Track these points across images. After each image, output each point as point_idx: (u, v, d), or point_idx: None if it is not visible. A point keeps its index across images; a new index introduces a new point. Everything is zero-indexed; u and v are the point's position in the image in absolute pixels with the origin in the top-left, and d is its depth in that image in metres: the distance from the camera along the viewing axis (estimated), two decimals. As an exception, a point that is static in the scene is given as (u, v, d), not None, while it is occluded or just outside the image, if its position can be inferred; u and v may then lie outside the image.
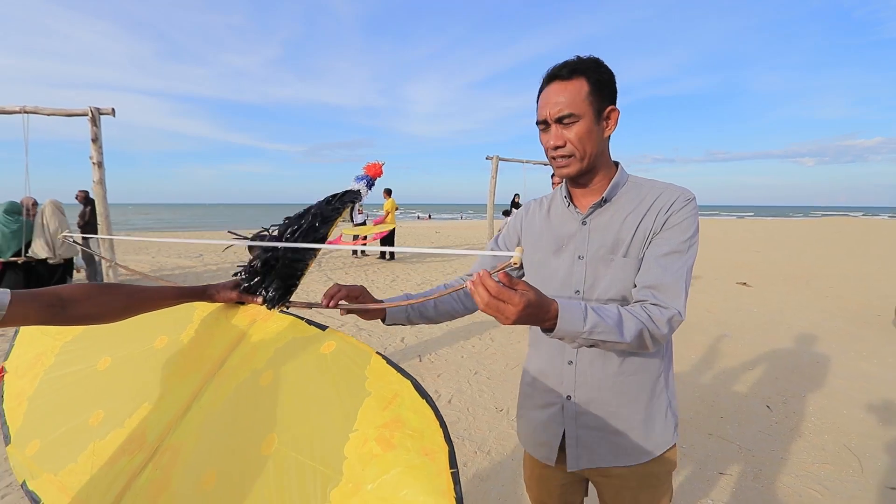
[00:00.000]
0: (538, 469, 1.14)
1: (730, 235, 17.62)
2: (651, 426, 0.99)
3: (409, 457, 0.63)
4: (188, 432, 0.86)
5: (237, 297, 1.03)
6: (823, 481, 2.29)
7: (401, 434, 0.66)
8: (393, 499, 0.59)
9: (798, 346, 4.36)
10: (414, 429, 0.66)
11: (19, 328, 1.20)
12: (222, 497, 0.75)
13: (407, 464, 0.62)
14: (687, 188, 0.97)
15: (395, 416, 0.69)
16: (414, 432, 0.65)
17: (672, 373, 1.04)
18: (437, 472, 0.59)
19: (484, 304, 0.72)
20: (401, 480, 0.60)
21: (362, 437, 0.68)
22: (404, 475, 0.61)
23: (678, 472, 2.35)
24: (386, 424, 0.68)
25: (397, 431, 0.66)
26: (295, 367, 0.86)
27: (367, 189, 1.19)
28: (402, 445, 0.64)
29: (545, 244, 1.07)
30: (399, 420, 0.68)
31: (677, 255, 0.91)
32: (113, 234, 6.93)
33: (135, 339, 1.06)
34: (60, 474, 0.90)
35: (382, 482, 0.62)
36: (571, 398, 1.01)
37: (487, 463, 2.43)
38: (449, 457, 0.61)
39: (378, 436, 0.67)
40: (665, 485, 1.03)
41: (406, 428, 0.66)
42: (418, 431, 0.65)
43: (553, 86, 0.93)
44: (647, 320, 0.85)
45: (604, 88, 0.94)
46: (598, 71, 0.93)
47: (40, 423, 1.01)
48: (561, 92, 0.92)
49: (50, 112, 5.26)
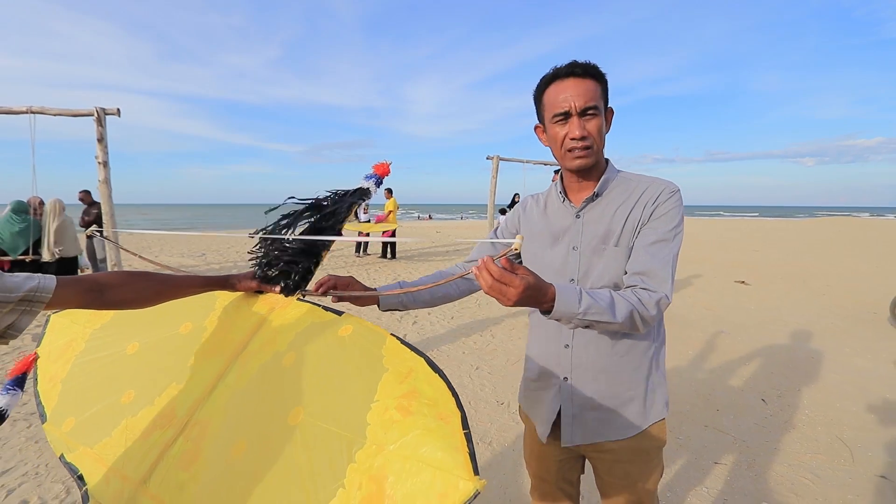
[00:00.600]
0: (537, 447, 1.21)
1: (729, 235, 17.70)
2: (641, 402, 1.06)
3: (426, 421, 0.69)
4: (215, 408, 0.93)
5: (257, 286, 1.10)
6: (815, 470, 2.36)
7: (417, 403, 0.72)
8: (414, 456, 0.66)
9: (794, 343, 4.43)
10: (429, 398, 0.72)
11: (50, 318, 1.27)
12: (253, 462, 0.81)
13: (424, 427, 0.68)
14: (672, 181, 1.04)
15: (411, 388, 0.75)
16: (429, 401, 0.72)
17: (663, 355, 1.11)
18: (451, 432, 0.66)
19: (488, 287, 0.79)
20: (420, 440, 0.67)
21: (383, 406, 0.75)
22: (422, 436, 0.67)
23: (674, 461, 2.42)
24: (404, 395, 0.74)
25: (414, 401, 0.73)
26: (316, 349, 0.93)
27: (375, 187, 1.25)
28: (420, 412, 0.71)
29: (542, 237, 1.14)
30: (415, 391, 0.74)
31: (664, 243, 0.98)
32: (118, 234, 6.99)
33: (161, 325, 1.13)
34: (96, 447, 0.97)
35: (403, 442, 0.68)
36: (568, 379, 1.08)
37: (489, 453, 2.50)
38: (462, 420, 0.67)
39: (397, 405, 0.73)
40: (655, 459, 1.10)
41: (422, 398, 0.73)
42: (433, 400, 0.72)
43: (570, 81, 0.99)
44: (636, 303, 0.92)
45: (607, 91, 1.03)
46: (603, 75, 1.01)
47: (74, 402, 1.08)
48: (581, 86, 0.98)
49: (56, 112, 5.32)
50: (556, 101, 1.00)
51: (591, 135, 0.99)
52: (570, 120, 0.99)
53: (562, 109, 0.99)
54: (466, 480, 0.59)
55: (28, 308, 0.72)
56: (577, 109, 0.98)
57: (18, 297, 0.70)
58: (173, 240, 13.76)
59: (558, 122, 1.01)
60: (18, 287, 0.71)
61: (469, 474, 0.60)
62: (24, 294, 0.71)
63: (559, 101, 0.99)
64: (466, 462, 0.62)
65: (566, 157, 1.04)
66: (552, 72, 1.01)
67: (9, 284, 0.70)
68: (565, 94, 0.98)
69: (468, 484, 0.59)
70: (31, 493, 2.16)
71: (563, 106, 0.99)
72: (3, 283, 0.70)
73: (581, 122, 0.99)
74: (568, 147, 1.02)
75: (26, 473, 2.31)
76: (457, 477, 0.60)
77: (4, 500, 2.10)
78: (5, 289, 0.69)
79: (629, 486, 1.09)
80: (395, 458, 0.68)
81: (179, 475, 0.87)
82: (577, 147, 1.00)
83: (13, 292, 0.70)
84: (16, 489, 2.19)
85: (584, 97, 0.97)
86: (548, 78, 1.02)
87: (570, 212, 1.09)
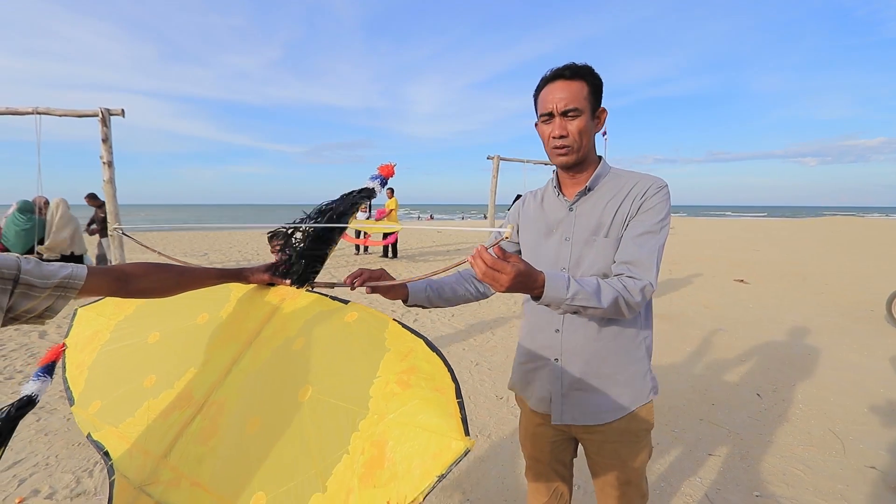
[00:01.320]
0: (532, 427, 1.27)
1: (730, 235, 17.73)
2: (627, 386, 1.12)
3: (423, 392, 0.75)
4: (231, 390, 1.00)
5: (269, 278, 1.17)
6: (807, 461, 2.41)
7: (416, 377, 0.78)
8: (412, 423, 0.72)
9: (791, 340, 4.48)
10: (427, 373, 0.79)
11: (77, 311, 1.35)
12: (267, 435, 0.88)
13: (422, 397, 0.74)
14: (660, 178, 1.09)
15: (411, 365, 0.81)
16: (427, 375, 0.78)
17: (650, 342, 1.16)
18: (446, 401, 0.72)
19: (482, 273, 0.85)
20: (417, 408, 0.73)
21: (384, 381, 0.81)
22: (420, 404, 0.73)
23: (669, 453, 2.47)
24: (404, 371, 0.81)
25: (413, 375, 0.79)
26: (323, 333, 0.99)
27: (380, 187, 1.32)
28: (418, 385, 0.77)
29: (538, 228, 1.20)
30: (414, 368, 0.81)
31: (650, 235, 1.03)
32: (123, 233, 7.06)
33: (180, 316, 1.20)
34: (120, 427, 1.05)
35: (402, 411, 0.74)
36: (559, 361, 1.14)
37: (488, 445, 2.56)
38: (456, 391, 0.73)
39: (398, 379, 0.80)
40: (643, 441, 1.15)
41: (420, 373, 0.79)
42: (430, 375, 0.78)
43: (558, 83, 1.05)
44: (622, 289, 0.97)
45: (598, 92, 1.08)
46: (594, 76, 1.06)
47: (100, 386, 1.15)
48: (566, 88, 1.04)
49: (61, 113, 5.39)
50: (545, 101, 1.07)
51: (571, 134, 1.06)
52: (553, 120, 1.06)
53: (547, 110, 1.07)
54: (458, 441, 0.65)
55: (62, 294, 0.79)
56: (559, 110, 1.04)
57: (54, 284, 0.78)
58: (177, 239, 13.85)
59: (544, 121, 1.09)
60: (54, 274, 0.78)
61: (461, 435, 0.66)
62: (60, 281, 0.78)
63: (546, 102, 1.07)
64: (459, 426, 0.68)
65: (552, 153, 1.11)
66: (547, 74, 1.08)
67: (46, 272, 0.77)
68: (552, 96, 1.05)
69: (459, 444, 0.65)
70: (42, 483, 2.22)
71: (548, 107, 1.06)
72: (41, 270, 0.77)
73: (562, 122, 1.05)
74: (552, 145, 1.09)
75: (37, 464, 2.37)
76: (449, 438, 0.66)
77: (17, 490, 2.17)
78: (43, 276, 0.76)
79: (618, 465, 1.14)
80: (394, 425, 0.74)
81: (198, 449, 0.94)
82: (557, 145, 1.08)
83: (50, 279, 0.77)
84: (27, 479, 2.25)
85: (566, 99, 1.04)
86: (544, 79, 1.09)
87: (564, 205, 1.15)
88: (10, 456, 2.43)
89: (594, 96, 1.07)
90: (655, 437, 2.63)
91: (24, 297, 0.76)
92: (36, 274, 0.76)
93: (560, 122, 1.05)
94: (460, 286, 1.29)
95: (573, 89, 1.03)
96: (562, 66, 1.06)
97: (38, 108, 5.22)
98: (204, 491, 0.89)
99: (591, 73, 1.06)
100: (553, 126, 1.07)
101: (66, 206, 5.57)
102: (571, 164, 1.10)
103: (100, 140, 5.44)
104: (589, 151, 1.10)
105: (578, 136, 1.06)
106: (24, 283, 0.75)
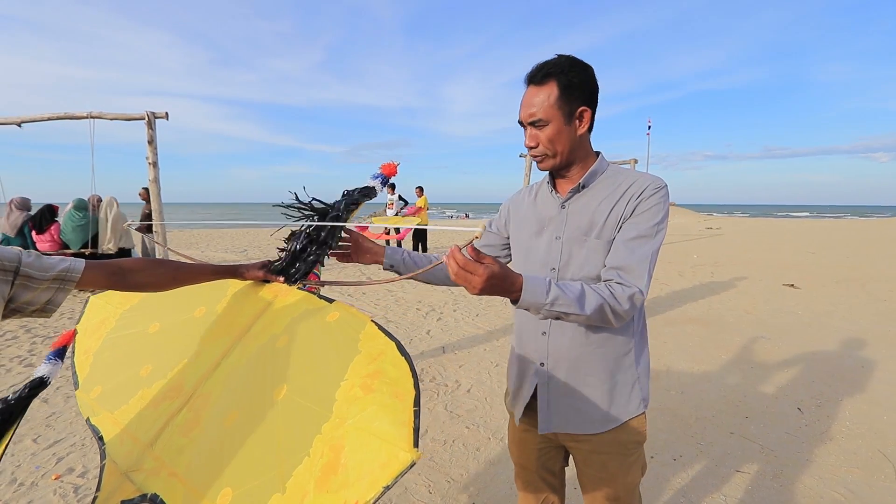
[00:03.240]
0: (518, 433, 1.22)
1: (783, 235, 16.59)
2: (615, 396, 1.05)
3: (382, 398, 0.74)
4: (217, 383, 1.02)
5: (263, 275, 1.19)
6: (850, 485, 2.20)
7: (379, 382, 0.78)
8: (367, 429, 0.71)
9: (842, 350, 4.12)
10: (391, 378, 0.77)
11: (89, 298, 1.43)
12: (241, 430, 0.90)
13: (380, 403, 0.73)
14: (659, 177, 1.01)
15: (377, 369, 0.81)
16: (390, 380, 0.77)
17: (646, 354, 1.09)
18: (402, 409, 0.70)
19: (454, 275, 0.82)
20: (374, 415, 0.72)
21: (350, 384, 0.81)
22: (377, 411, 0.72)
23: (692, 467, 2.33)
24: (369, 374, 0.80)
25: (377, 380, 0.78)
26: (305, 332, 1.00)
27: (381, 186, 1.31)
28: (379, 390, 0.76)
29: (529, 226, 1.15)
30: (380, 371, 0.80)
31: (644, 240, 0.97)
32: (167, 229, 7.49)
33: (180, 309, 1.25)
34: (116, 413, 1.10)
35: (361, 417, 0.74)
36: (544, 365, 1.09)
37: (500, 449, 2.50)
38: (415, 399, 0.71)
39: (362, 383, 0.79)
40: (634, 455, 1.08)
41: (385, 377, 0.78)
42: (394, 379, 0.77)
43: (528, 90, 1.01)
44: (608, 297, 0.91)
45: (574, 91, 0.98)
46: (569, 74, 0.97)
47: (102, 372, 1.22)
48: (534, 96, 0.99)
49: (112, 116, 5.78)
50: (519, 108, 1.04)
51: (542, 143, 1.02)
52: (526, 129, 1.04)
53: (518, 119, 1.04)
54: (406, 452, 0.64)
55: (61, 286, 0.84)
56: (526, 121, 1.02)
57: (52, 276, 0.82)
58: (219, 236, 14.56)
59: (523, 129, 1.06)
60: (53, 267, 0.82)
61: (409, 446, 0.65)
62: (57, 273, 0.83)
63: (519, 110, 1.04)
64: (409, 436, 0.66)
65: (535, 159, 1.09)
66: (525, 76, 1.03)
67: (45, 265, 0.82)
68: (521, 105, 1.03)
69: (406, 455, 0.64)
70: (76, 462, 2.38)
71: (519, 116, 1.04)
72: (41, 263, 0.81)
73: (532, 132, 1.02)
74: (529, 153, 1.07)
75: (74, 444, 2.55)
76: (398, 448, 0.65)
77: (55, 467, 2.33)
78: (42, 268, 0.81)
79: (607, 479, 1.08)
80: (351, 431, 0.73)
81: (180, 440, 0.97)
82: (532, 154, 1.05)
83: (48, 271, 0.81)
84: (64, 457, 2.42)
85: (530, 109, 1.00)
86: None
87: (556, 202, 1.10)
88: (52, 435, 2.63)
89: (566, 98, 0.97)
90: (678, 448, 2.49)
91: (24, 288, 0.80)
92: (36, 266, 0.80)
93: (530, 132, 1.03)
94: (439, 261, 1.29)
95: (540, 97, 0.98)
96: (535, 66, 0.99)
97: (92, 112, 5.61)
98: (179, 482, 0.91)
99: (565, 71, 0.96)
100: (526, 135, 1.04)
101: (116, 203, 5.97)
102: (552, 169, 1.08)
103: (146, 142, 5.78)
104: (572, 153, 1.04)
105: (549, 144, 1.01)
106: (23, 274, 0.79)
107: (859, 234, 17.51)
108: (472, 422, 2.81)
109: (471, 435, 2.66)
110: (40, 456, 2.43)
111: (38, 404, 2.96)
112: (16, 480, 2.23)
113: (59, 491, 2.15)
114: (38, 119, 5.92)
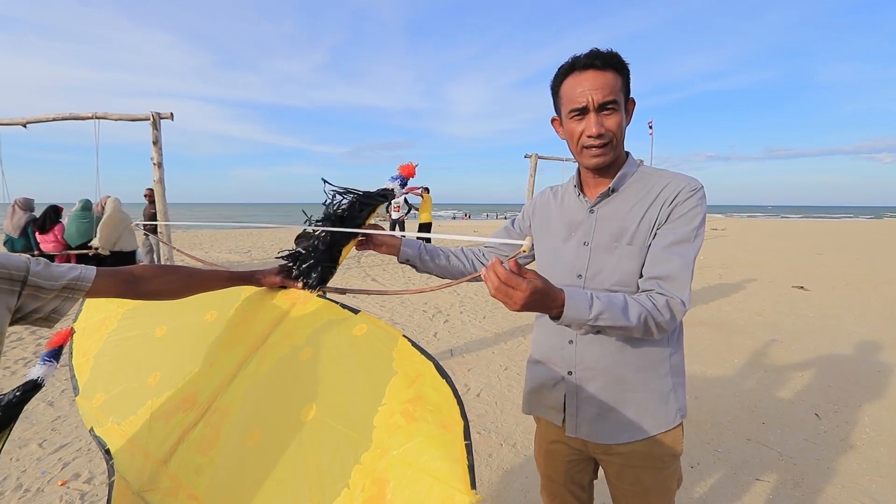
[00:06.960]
0: (545, 444, 1.17)
1: (789, 237, 16.47)
2: (648, 407, 1.00)
3: (428, 428, 0.69)
4: (235, 396, 0.96)
5: (280, 281, 1.13)
6: (874, 495, 2.14)
7: (422, 409, 0.72)
8: (415, 463, 0.66)
9: (857, 354, 4.05)
10: (434, 404, 0.72)
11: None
12: (266, 452, 0.84)
13: (427, 434, 0.68)
14: (694, 178, 0.96)
15: (418, 393, 0.75)
16: (434, 408, 0.71)
17: (680, 360, 1.04)
18: (452, 441, 0.65)
19: (494, 290, 0.76)
20: (421, 447, 0.67)
21: (389, 409, 0.75)
22: (424, 443, 0.67)
23: (710, 475, 2.27)
24: (410, 400, 0.75)
25: (419, 406, 0.73)
26: (330, 346, 0.94)
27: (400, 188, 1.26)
28: (423, 419, 0.71)
29: (555, 230, 1.10)
30: (421, 396, 0.74)
31: (682, 246, 0.92)
32: (171, 229, 7.47)
33: (188, 311, 1.17)
34: (123, 424, 1.03)
35: (406, 449, 0.68)
36: (572, 374, 1.04)
37: (513, 455, 2.45)
38: (464, 430, 0.66)
39: (403, 409, 0.74)
40: (670, 468, 1.03)
41: (427, 404, 0.73)
42: (437, 406, 0.71)
43: (590, 73, 0.93)
44: (651, 308, 0.86)
45: (629, 83, 0.97)
46: (625, 65, 0.95)
47: (104, 378, 1.14)
48: (600, 79, 0.92)
49: (117, 117, 5.75)
50: (574, 95, 0.94)
51: (611, 131, 0.94)
52: (588, 116, 0.94)
53: (579, 105, 0.93)
54: (463, 493, 0.59)
55: (69, 295, 0.79)
56: (595, 105, 0.92)
57: (62, 285, 0.78)
58: (223, 236, 14.55)
59: (574, 117, 0.96)
60: (62, 276, 0.78)
61: (466, 487, 0.60)
62: (67, 282, 0.78)
63: (576, 96, 0.94)
64: (465, 475, 0.61)
65: (583, 154, 0.98)
66: (570, 61, 0.95)
67: (54, 273, 0.78)
68: (583, 88, 0.92)
69: (464, 497, 0.59)
70: (83, 468, 2.34)
71: (580, 101, 0.93)
72: (50, 272, 0.77)
73: (599, 119, 0.93)
74: (585, 144, 0.96)
75: (80, 449, 2.50)
76: (454, 489, 0.60)
77: (60, 472, 2.29)
78: (51, 277, 0.77)
79: (641, 494, 1.03)
80: (397, 464, 0.68)
81: (198, 458, 0.91)
82: (594, 145, 0.95)
83: (58, 280, 0.77)
84: (70, 462, 2.38)
85: (603, 91, 0.91)
86: (566, 68, 0.96)
87: (584, 206, 1.05)
88: (58, 439, 2.59)
89: (626, 88, 0.96)
90: (696, 456, 2.43)
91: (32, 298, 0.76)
92: (44, 276, 0.76)
93: (596, 119, 0.93)
94: (455, 257, 1.27)
95: (608, 80, 0.91)
96: (587, 52, 0.93)
97: (97, 112, 5.59)
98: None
99: (623, 63, 0.94)
100: (587, 123, 0.94)
101: (118, 204, 5.93)
102: (608, 164, 0.98)
103: (150, 142, 5.75)
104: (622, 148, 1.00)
105: (618, 131, 0.94)
106: (32, 284, 0.75)
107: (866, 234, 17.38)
108: (483, 427, 2.76)
109: (482, 440, 2.61)
110: (46, 461, 2.39)
111: (44, 408, 2.93)
112: (21, 486, 2.19)
113: (66, 497, 2.11)
114: (43, 119, 5.89)
